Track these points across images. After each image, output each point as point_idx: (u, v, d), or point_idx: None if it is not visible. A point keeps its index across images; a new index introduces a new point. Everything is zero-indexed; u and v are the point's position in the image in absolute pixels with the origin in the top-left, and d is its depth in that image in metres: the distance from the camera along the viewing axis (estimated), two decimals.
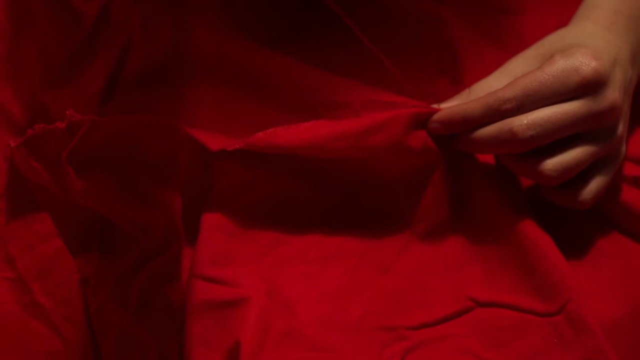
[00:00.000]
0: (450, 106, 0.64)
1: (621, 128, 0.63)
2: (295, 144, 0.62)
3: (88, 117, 0.63)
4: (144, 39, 0.67)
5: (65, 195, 0.65)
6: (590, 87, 0.61)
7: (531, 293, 0.62)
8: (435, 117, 0.64)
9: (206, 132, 0.64)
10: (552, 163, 0.61)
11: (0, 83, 0.74)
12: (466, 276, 0.64)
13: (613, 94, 0.61)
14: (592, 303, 0.62)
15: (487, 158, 0.67)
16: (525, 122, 0.60)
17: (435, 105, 0.65)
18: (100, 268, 0.65)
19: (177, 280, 0.63)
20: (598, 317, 0.61)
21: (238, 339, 0.58)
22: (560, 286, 0.61)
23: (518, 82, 0.61)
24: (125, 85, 0.68)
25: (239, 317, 0.59)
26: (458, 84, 0.69)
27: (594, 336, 0.59)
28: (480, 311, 0.63)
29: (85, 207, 0.65)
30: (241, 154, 0.64)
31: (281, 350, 0.59)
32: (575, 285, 0.61)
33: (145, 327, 0.61)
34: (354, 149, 0.63)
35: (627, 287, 0.64)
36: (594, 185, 0.63)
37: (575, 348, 0.60)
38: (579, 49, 0.62)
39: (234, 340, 0.58)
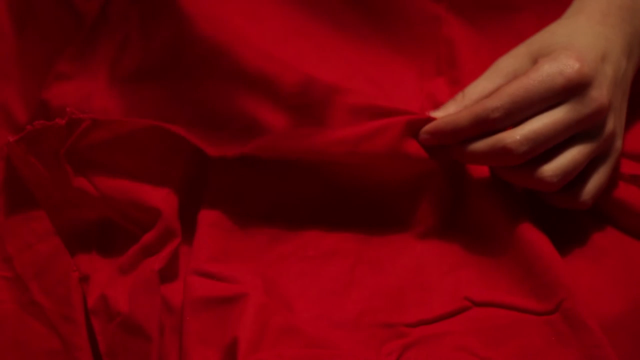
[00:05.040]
0: (442, 117, 0.64)
1: (611, 124, 0.63)
2: (294, 149, 0.62)
3: (88, 115, 0.63)
4: (142, 36, 0.67)
5: (63, 192, 0.65)
6: (575, 89, 0.61)
7: (528, 292, 0.62)
8: (425, 128, 0.64)
9: (204, 133, 0.65)
10: (551, 169, 0.62)
11: (2, 82, 0.74)
12: (463, 277, 0.64)
13: (599, 94, 0.61)
14: (593, 300, 0.62)
15: None
16: (518, 137, 0.60)
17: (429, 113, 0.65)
18: (99, 266, 0.65)
19: (175, 277, 0.63)
20: (598, 314, 0.61)
21: (236, 336, 0.58)
22: (556, 284, 0.61)
23: (504, 90, 0.61)
24: (124, 82, 0.68)
25: (236, 314, 0.59)
26: (456, 84, 0.69)
27: (591, 333, 0.59)
28: (477, 310, 0.63)
29: (82, 205, 0.65)
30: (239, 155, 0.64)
31: (279, 346, 0.59)
32: (571, 283, 0.61)
33: (144, 324, 0.61)
34: (351, 155, 0.63)
35: (628, 284, 0.64)
36: (593, 184, 0.64)
37: (574, 345, 0.60)
38: (562, 51, 0.62)
39: (232, 337, 0.58)
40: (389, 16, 0.70)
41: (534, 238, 0.63)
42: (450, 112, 0.64)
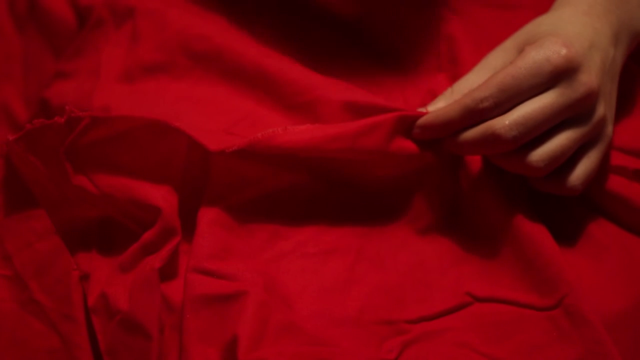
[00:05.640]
0: (435, 109, 0.64)
1: (601, 110, 0.63)
2: (292, 145, 0.62)
3: (87, 113, 0.63)
4: (148, 33, 0.67)
5: (63, 191, 0.65)
6: (562, 74, 0.61)
7: (529, 288, 0.62)
8: (417, 123, 0.64)
9: (205, 129, 0.65)
10: (538, 154, 0.62)
11: (2, 81, 0.74)
12: (464, 272, 0.65)
13: (588, 78, 0.61)
14: (594, 297, 0.62)
15: None
16: (507, 123, 0.61)
17: (422, 109, 0.65)
18: (99, 264, 0.65)
19: (175, 275, 0.63)
20: (600, 310, 0.61)
21: (236, 333, 0.58)
22: (558, 280, 0.61)
23: (492, 80, 0.61)
24: (126, 79, 0.68)
25: (237, 311, 0.59)
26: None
27: (593, 328, 0.59)
28: (479, 306, 0.63)
29: (82, 203, 0.65)
30: (239, 150, 0.64)
31: (279, 344, 0.59)
32: (572, 279, 0.61)
33: (144, 322, 0.61)
34: (350, 151, 0.63)
35: (629, 280, 0.64)
36: (581, 170, 0.64)
37: (575, 340, 0.60)
38: (548, 38, 0.62)
39: (232, 335, 0.58)
40: (389, 15, 0.70)
41: (535, 233, 0.63)
42: (439, 107, 0.65)
